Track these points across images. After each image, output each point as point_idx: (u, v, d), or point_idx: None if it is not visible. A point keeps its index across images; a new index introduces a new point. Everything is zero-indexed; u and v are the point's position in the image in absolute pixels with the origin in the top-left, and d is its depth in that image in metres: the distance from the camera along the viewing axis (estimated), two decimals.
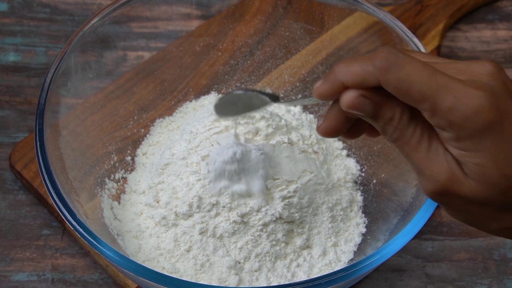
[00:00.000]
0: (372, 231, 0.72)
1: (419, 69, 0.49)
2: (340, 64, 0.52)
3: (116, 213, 0.73)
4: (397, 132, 0.52)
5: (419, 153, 0.51)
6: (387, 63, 0.49)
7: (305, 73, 0.83)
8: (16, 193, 0.80)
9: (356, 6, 0.77)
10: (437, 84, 0.48)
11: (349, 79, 0.51)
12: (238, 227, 0.68)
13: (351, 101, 0.51)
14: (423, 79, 0.49)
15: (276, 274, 0.69)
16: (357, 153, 0.79)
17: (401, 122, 0.51)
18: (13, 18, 0.94)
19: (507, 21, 0.97)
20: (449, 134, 0.50)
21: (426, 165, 0.51)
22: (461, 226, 0.79)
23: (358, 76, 0.50)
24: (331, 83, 0.52)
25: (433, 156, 0.51)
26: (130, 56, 0.82)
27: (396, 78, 0.49)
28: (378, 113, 0.52)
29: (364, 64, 0.50)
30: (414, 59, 0.49)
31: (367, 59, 0.50)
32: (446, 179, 0.51)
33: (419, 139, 0.51)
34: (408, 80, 0.49)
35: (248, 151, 0.69)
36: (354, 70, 0.50)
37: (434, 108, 0.49)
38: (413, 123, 0.51)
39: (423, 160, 0.51)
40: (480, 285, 0.75)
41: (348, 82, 0.51)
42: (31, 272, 0.75)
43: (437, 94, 0.48)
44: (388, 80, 0.49)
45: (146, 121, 0.81)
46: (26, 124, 0.85)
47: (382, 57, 0.49)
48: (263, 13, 0.83)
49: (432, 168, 0.51)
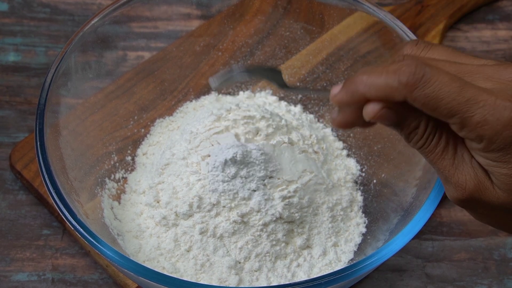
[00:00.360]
0: (372, 231, 0.72)
1: (447, 84, 0.48)
2: (362, 75, 0.50)
3: (116, 213, 0.73)
4: (422, 140, 0.51)
5: (445, 161, 0.51)
6: (414, 80, 0.48)
7: (305, 73, 0.83)
8: (16, 193, 0.80)
9: (356, 6, 0.77)
10: (466, 98, 0.48)
11: (373, 93, 0.50)
12: (238, 227, 0.68)
13: (374, 114, 0.50)
14: (451, 95, 0.48)
15: (276, 274, 0.69)
16: (357, 153, 0.79)
17: (426, 131, 0.51)
18: (13, 18, 0.94)
19: (507, 21, 0.97)
20: (477, 145, 0.49)
21: (452, 173, 0.51)
22: (461, 226, 0.79)
23: (382, 91, 0.49)
24: (352, 95, 0.51)
25: (459, 164, 0.50)
26: (130, 56, 0.82)
27: (424, 95, 0.48)
28: (402, 123, 0.51)
29: (389, 78, 0.49)
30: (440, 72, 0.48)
31: (392, 73, 0.49)
32: (473, 188, 0.50)
33: (445, 147, 0.51)
34: (436, 96, 0.48)
35: (248, 151, 0.69)
36: (378, 84, 0.49)
37: (463, 122, 0.48)
38: (439, 132, 0.51)
39: (449, 168, 0.51)
40: (480, 285, 0.75)
41: (372, 96, 0.50)
42: (31, 272, 0.75)
43: (466, 109, 0.48)
44: (415, 97, 0.48)
45: (146, 121, 0.81)
46: (26, 124, 0.85)
47: (408, 72, 0.48)
48: (263, 13, 0.83)
49: (459, 176, 0.51)
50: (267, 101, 0.83)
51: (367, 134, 0.79)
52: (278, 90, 0.84)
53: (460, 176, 0.51)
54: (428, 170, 0.67)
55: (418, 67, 0.48)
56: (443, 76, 0.48)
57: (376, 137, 0.78)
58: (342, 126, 0.55)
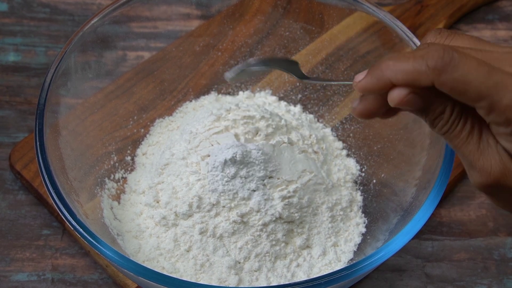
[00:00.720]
0: (372, 231, 0.72)
1: (475, 68, 0.48)
2: (387, 61, 0.50)
3: (116, 213, 0.73)
4: (447, 125, 0.51)
5: (470, 146, 0.51)
6: (442, 64, 0.48)
7: (305, 73, 0.83)
8: (16, 193, 0.80)
9: (356, 6, 0.77)
10: (494, 82, 0.48)
11: (399, 78, 0.50)
12: (238, 227, 0.68)
13: (401, 99, 0.50)
14: (480, 78, 0.48)
15: (276, 274, 0.69)
16: (357, 153, 0.79)
17: (452, 116, 0.51)
18: (13, 18, 0.94)
19: (507, 21, 0.97)
20: (505, 129, 0.49)
21: (477, 158, 0.51)
22: (461, 226, 0.79)
23: (409, 75, 0.49)
24: (377, 80, 0.51)
25: (485, 149, 0.50)
26: (130, 56, 0.82)
27: (452, 79, 0.48)
28: (428, 108, 0.51)
29: (416, 63, 0.49)
30: (468, 57, 0.48)
31: (420, 58, 0.49)
32: (498, 173, 0.50)
33: (470, 132, 0.51)
34: (464, 80, 0.48)
35: (247, 151, 0.69)
36: (405, 69, 0.49)
37: (491, 106, 0.48)
38: (464, 117, 0.51)
39: (474, 153, 0.51)
40: (480, 285, 0.75)
41: (398, 81, 0.50)
42: (31, 272, 0.75)
43: (495, 92, 0.48)
44: (443, 81, 0.48)
45: (146, 121, 0.81)
46: (26, 124, 0.85)
47: (436, 56, 0.48)
48: (263, 13, 0.83)
49: (484, 161, 0.50)
50: (267, 101, 0.83)
51: (367, 134, 0.79)
52: (278, 90, 0.84)
53: (485, 161, 0.50)
54: (428, 170, 0.67)
55: (446, 51, 0.48)
56: (471, 60, 0.48)
57: (376, 137, 0.78)
58: (363, 115, 0.55)
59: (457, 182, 0.81)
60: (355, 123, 0.80)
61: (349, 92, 0.81)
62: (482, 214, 0.80)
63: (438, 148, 0.66)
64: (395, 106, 0.51)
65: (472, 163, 0.51)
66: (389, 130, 0.77)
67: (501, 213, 0.80)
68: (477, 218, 0.80)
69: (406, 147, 0.74)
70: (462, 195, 0.81)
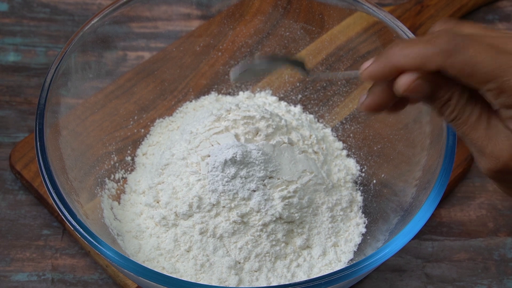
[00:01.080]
0: (372, 231, 0.72)
1: (483, 51, 0.48)
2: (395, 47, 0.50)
3: (116, 213, 0.73)
4: (455, 112, 0.51)
5: (478, 131, 0.51)
6: (450, 46, 0.48)
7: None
8: (16, 193, 0.80)
9: (356, 6, 0.77)
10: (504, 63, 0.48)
11: (407, 62, 0.50)
12: (238, 227, 0.68)
13: (408, 85, 0.50)
14: (488, 60, 0.48)
15: (276, 274, 0.69)
16: (357, 153, 0.79)
17: (459, 102, 0.51)
18: (13, 18, 0.94)
19: (507, 21, 0.97)
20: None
21: (486, 143, 0.51)
22: (461, 226, 0.79)
23: (417, 59, 0.49)
24: (384, 66, 0.51)
25: (493, 135, 0.50)
26: (130, 56, 0.82)
27: (461, 61, 0.48)
28: (435, 95, 0.51)
29: (424, 47, 0.49)
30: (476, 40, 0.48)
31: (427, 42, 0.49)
32: (507, 157, 0.50)
33: (478, 117, 0.51)
34: (473, 61, 0.48)
35: (248, 151, 0.69)
36: (413, 53, 0.49)
37: (500, 87, 0.48)
38: (472, 103, 0.51)
39: (482, 139, 0.51)
40: (480, 285, 0.75)
41: (406, 66, 0.50)
42: (31, 272, 0.75)
43: (504, 73, 0.48)
44: (452, 63, 0.48)
45: (146, 121, 0.81)
46: (26, 124, 0.85)
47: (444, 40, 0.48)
48: (263, 13, 0.83)
49: (493, 146, 0.50)
50: (267, 101, 0.83)
51: (367, 135, 0.79)
52: (278, 90, 0.84)
53: (494, 146, 0.50)
54: (428, 170, 0.67)
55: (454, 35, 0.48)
56: (479, 43, 0.48)
57: (376, 137, 0.78)
58: (371, 109, 0.55)
59: (457, 182, 0.81)
60: (355, 124, 0.80)
61: (349, 93, 0.82)
62: (482, 214, 0.80)
63: (438, 148, 0.66)
64: (402, 93, 0.51)
65: (481, 149, 0.51)
66: (389, 130, 0.77)
67: (501, 213, 0.80)
68: (477, 218, 0.80)
69: (406, 147, 0.74)
70: (462, 195, 0.81)
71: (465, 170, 0.81)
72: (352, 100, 0.81)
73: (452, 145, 0.65)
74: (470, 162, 0.81)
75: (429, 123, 0.70)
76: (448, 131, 0.66)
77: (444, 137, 0.66)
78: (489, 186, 0.82)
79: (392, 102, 0.55)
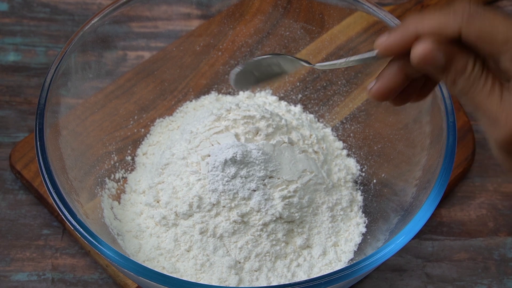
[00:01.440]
0: (372, 231, 0.72)
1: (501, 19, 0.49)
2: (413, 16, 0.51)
3: (116, 213, 0.73)
4: (469, 82, 0.51)
5: (493, 101, 0.51)
6: (469, 12, 0.49)
7: (305, 73, 0.83)
8: (16, 193, 0.80)
9: (356, 6, 0.77)
10: None
11: (425, 28, 0.50)
12: (238, 227, 0.68)
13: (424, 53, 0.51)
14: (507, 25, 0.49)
15: (276, 274, 0.69)
16: (357, 153, 0.79)
17: (473, 72, 0.51)
18: (13, 18, 0.94)
19: None
20: None
21: (501, 110, 0.51)
22: (461, 226, 0.79)
23: (435, 25, 0.50)
24: (402, 35, 0.52)
25: (507, 104, 0.51)
26: (130, 56, 0.82)
27: (479, 26, 0.49)
28: (449, 65, 0.51)
29: (442, 14, 0.50)
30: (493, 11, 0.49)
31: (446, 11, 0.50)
32: None
33: (492, 85, 0.51)
34: (491, 25, 0.49)
35: (248, 151, 0.69)
36: (432, 19, 0.50)
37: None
38: (486, 71, 0.51)
39: (496, 107, 0.51)
40: (480, 285, 0.75)
41: (424, 31, 0.50)
42: (31, 272, 0.75)
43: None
44: (471, 28, 0.49)
45: (146, 121, 0.81)
46: (26, 124, 0.85)
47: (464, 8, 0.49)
48: (263, 13, 0.83)
49: (507, 115, 0.50)
50: (267, 101, 0.83)
51: (367, 134, 0.79)
52: (278, 90, 0.84)
53: (509, 115, 0.50)
54: (428, 170, 0.67)
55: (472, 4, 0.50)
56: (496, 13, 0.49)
57: (376, 137, 0.78)
58: (380, 94, 0.55)
59: (457, 182, 0.81)
60: (356, 123, 0.80)
61: (349, 92, 0.81)
62: (482, 214, 0.80)
63: (438, 148, 0.66)
64: (418, 63, 0.51)
65: (496, 118, 0.51)
66: (389, 130, 0.77)
67: (501, 213, 0.80)
68: (477, 218, 0.80)
69: (406, 147, 0.74)
70: (462, 195, 0.81)
71: (465, 170, 0.81)
72: (352, 100, 0.81)
73: (452, 145, 0.65)
74: (470, 162, 0.81)
75: (429, 123, 0.70)
76: (448, 131, 0.66)
77: (444, 137, 0.66)
78: (489, 186, 0.82)
79: (402, 87, 0.55)
